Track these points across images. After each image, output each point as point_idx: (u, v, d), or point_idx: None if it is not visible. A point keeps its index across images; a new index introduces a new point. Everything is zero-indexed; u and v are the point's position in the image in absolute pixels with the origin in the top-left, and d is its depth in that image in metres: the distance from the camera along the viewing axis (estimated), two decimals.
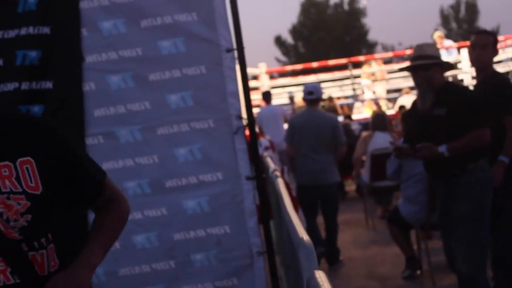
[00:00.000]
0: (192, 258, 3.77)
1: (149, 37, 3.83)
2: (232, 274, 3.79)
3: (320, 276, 1.86)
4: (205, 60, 3.87)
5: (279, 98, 15.00)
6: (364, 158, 8.79)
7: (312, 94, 7.09)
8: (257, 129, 4.51)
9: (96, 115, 3.80)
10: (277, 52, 38.39)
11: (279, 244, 4.05)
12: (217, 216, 3.81)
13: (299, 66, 18.34)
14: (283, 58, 36.42)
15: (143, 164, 3.81)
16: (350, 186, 12.07)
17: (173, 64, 3.86)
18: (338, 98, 15.53)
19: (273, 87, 14.98)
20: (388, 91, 15.80)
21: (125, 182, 3.78)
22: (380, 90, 15.34)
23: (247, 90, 4.05)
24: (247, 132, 4.00)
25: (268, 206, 3.98)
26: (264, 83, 14.55)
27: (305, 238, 2.36)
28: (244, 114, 3.95)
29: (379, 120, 8.83)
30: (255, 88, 13.99)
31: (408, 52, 15.91)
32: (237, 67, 3.96)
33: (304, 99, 7.24)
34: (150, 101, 3.84)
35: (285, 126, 9.38)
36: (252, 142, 4.00)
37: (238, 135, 3.89)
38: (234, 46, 3.92)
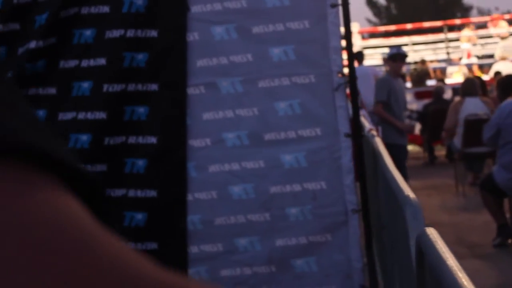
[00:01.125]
0: (287, 211, 3.77)
1: None
2: (326, 230, 3.78)
3: (432, 232, 1.84)
4: (309, 14, 3.84)
5: (371, 59, 14.84)
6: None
7: None
8: None
9: (198, 66, 3.82)
10: (368, 13, 37.89)
11: (372, 204, 4.02)
12: (314, 172, 3.80)
13: (392, 27, 18.08)
14: (374, 19, 35.96)
15: (243, 116, 3.82)
16: (440, 151, 11.89)
17: (277, 17, 3.83)
18: (431, 61, 15.25)
19: (364, 48, 14.82)
20: (482, 57, 15.46)
21: (224, 133, 3.80)
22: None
23: (350, 47, 4.02)
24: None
25: (363, 164, 3.94)
26: (356, 43, 14.41)
27: (411, 196, 2.33)
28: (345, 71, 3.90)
29: (469, 86, 8.68)
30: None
31: (507, 16, 15.49)
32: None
33: None
34: (252, 54, 3.83)
35: None
36: (353, 100, 3.98)
37: (338, 92, 3.85)
38: (339, 1, 3.87)
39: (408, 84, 13.21)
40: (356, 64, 12.22)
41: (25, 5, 3.68)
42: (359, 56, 11.80)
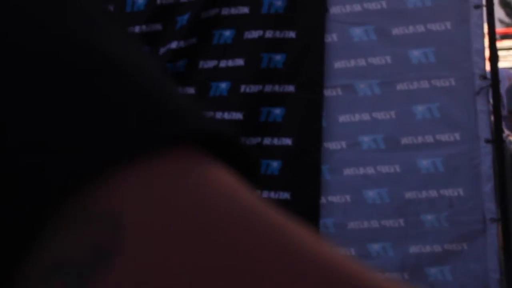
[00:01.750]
0: (422, 218, 3.70)
1: None
2: (462, 239, 3.68)
3: None
4: (451, 15, 3.74)
5: (504, 61, 14.21)
6: None
7: None
8: None
9: (336, 67, 3.79)
10: (500, 13, 36.43)
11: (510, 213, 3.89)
12: (451, 178, 3.71)
13: None
14: (507, 20, 34.50)
15: (380, 119, 3.77)
16: None
17: (417, 19, 3.76)
18: None
19: (498, 49, 14.22)
20: None
21: (360, 136, 3.76)
22: None
23: (494, 49, 3.89)
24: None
25: (505, 171, 3.81)
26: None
27: None
28: (488, 74, 3.78)
29: None
30: None
31: None
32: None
33: None
34: (391, 56, 3.77)
35: None
36: (495, 104, 3.84)
37: (480, 96, 3.74)
38: (484, 2, 3.76)
39: None
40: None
41: (168, 6, 3.76)
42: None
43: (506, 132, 5.35)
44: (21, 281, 0.30)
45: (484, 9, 3.79)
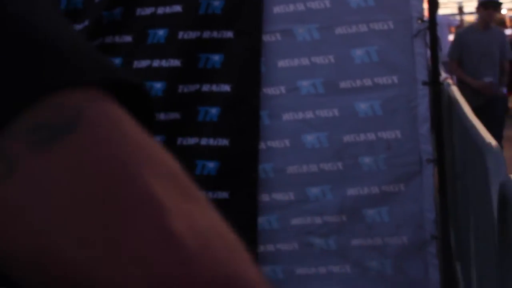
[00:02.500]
0: (360, 161, 3.74)
1: None
2: (399, 180, 3.75)
3: None
4: None
5: (445, 8, 14.13)
6: None
7: None
8: None
9: (275, 12, 3.77)
10: None
11: (446, 154, 3.95)
12: (389, 120, 3.74)
13: None
14: None
15: (318, 64, 3.77)
16: None
17: None
18: (510, 9, 14.49)
19: None
20: None
21: (299, 81, 3.77)
22: None
23: None
24: None
25: (440, 113, 3.86)
26: None
27: (493, 143, 2.27)
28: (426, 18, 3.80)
29: None
30: None
31: None
32: None
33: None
34: (329, 0, 3.75)
35: (450, 37, 8.81)
36: (433, 46, 3.86)
37: (418, 38, 3.76)
38: None
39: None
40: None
41: None
42: (433, 4, 11.33)
43: (444, 75, 5.41)
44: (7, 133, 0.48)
45: None
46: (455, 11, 13.79)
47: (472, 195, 3.22)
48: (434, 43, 3.87)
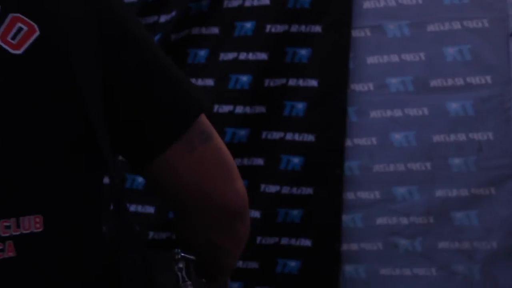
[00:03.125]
0: (449, 161, 3.63)
1: None
2: (490, 183, 3.61)
3: None
4: None
5: None
6: None
7: None
8: None
9: (365, 7, 3.71)
10: None
11: None
12: (481, 121, 3.63)
13: None
14: None
15: (409, 61, 3.69)
16: None
17: None
18: None
19: None
20: None
21: (388, 78, 3.69)
22: None
23: None
24: None
25: None
26: None
27: None
28: None
29: None
30: None
31: None
32: None
33: None
34: None
35: None
36: None
37: None
38: None
39: None
40: None
41: None
42: None
43: None
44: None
45: None
46: None
47: None
48: None
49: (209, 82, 3.70)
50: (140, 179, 3.61)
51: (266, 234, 3.68)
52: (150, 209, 3.68)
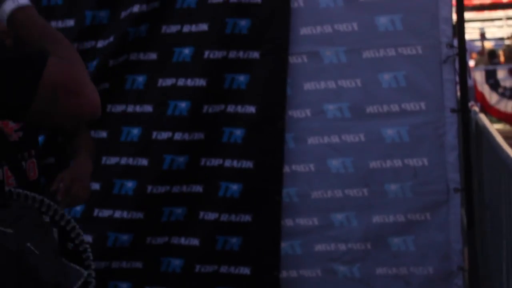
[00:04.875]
0: (386, 187, 3.66)
1: None
2: (425, 209, 3.66)
3: None
4: None
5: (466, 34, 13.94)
6: None
7: None
8: None
9: (302, 34, 3.71)
10: None
11: (474, 183, 3.88)
12: (416, 147, 3.67)
13: (487, 0, 16.92)
14: None
15: (345, 87, 3.70)
16: None
17: None
18: None
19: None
20: None
21: (325, 104, 3.70)
22: None
23: (461, 17, 3.84)
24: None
25: (469, 141, 3.78)
26: None
27: None
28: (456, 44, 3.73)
29: None
30: None
31: None
32: None
33: None
34: (357, 22, 3.70)
35: (471, 63, 8.68)
36: (462, 73, 3.79)
37: (447, 65, 3.69)
38: None
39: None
40: None
41: None
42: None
43: (470, 102, 5.32)
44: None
45: None
46: (477, 36, 13.62)
47: (505, 226, 3.14)
48: (464, 70, 3.80)
49: (148, 108, 3.65)
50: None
51: (205, 262, 3.64)
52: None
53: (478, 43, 12.76)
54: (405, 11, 3.68)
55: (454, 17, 3.86)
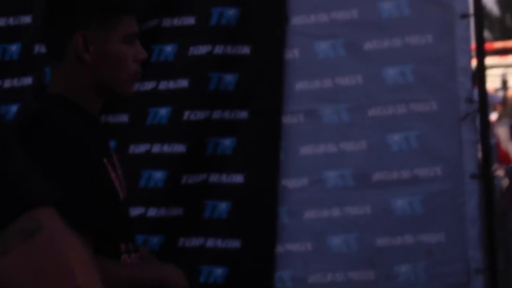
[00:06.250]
0: (396, 269, 3.33)
1: None
2: None
3: None
4: (433, 27, 3.39)
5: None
6: None
7: None
8: None
9: (297, 89, 3.41)
10: None
11: (500, 262, 3.55)
12: (431, 221, 3.35)
13: (510, 43, 16.47)
14: (485, 33, 33.73)
15: (348, 151, 3.39)
16: None
17: (393, 31, 3.39)
18: None
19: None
20: None
21: (325, 172, 3.39)
22: None
23: (482, 67, 3.50)
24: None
25: (493, 213, 3.40)
26: None
27: None
28: (475, 97, 3.41)
29: None
30: None
31: None
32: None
33: None
34: (362, 75, 3.39)
35: (493, 116, 8.18)
36: (483, 132, 3.44)
37: (466, 122, 3.36)
38: (471, 10, 3.38)
39: None
40: None
41: None
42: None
43: (493, 165, 4.91)
44: None
45: (472, 20, 3.41)
46: (498, 84, 13.11)
47: None
48: (485, 128, 3.49)
49: None
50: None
51: None
52: None
53: (501, 93, 12.22)
54: (417, 61, 3.39)
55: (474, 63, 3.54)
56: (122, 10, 2.03)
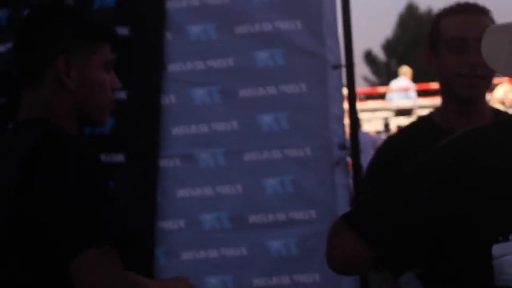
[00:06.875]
0: None
1: (243, 46, 3.43)
2: None
3: None
4: (307, 76, 3.45)
5: (368, 124, 13.79)
6: None
7: None
8: None
9: (174, 134, 3.41)
10: (366, 70, 36.77)
11: None
12: (306, 261, 3.37)
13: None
14: (372, 78, 35.00)
15: (224, 194, 3.40)
16: None
17: (269, 79, 3.44)
18: None
19: (362, 111, 13.54)
20: None
21: (201, 214, 3.39)
22: None
23: (354, 115, 3.56)
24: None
25: None
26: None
27: None
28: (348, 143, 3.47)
29: None
30: None
31: None
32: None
33: None
34: (238, 121, 3.44)
35: None
36: (356, 177, 3.48)
37: (339, 167, 3.43)
38: (343, 62, 3.47)
39: None
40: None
41: None
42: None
43: None
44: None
45: (344, 70, 3.50)
46: (380, 127, 13.31)
47: None
48: (357, 174, 3.50)
49: None
50: None
51: None
52: None
53: (384, 135, 12.47)
54: (291, 108, 3.43)
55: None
56: (104, 36, 1.97)
